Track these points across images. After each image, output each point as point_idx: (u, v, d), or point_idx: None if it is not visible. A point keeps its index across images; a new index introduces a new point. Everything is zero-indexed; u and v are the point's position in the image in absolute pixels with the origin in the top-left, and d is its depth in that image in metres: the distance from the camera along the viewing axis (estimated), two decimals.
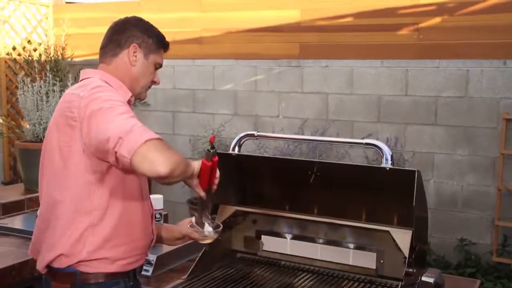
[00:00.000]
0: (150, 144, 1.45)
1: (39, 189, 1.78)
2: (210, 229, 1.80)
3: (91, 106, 1.56)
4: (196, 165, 1.64)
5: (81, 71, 1.82)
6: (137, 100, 1.87)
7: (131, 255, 1.70)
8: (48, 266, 1.68)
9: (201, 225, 1.81)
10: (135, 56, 1.77)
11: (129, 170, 1.53)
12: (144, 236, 1.75)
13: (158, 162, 1.44)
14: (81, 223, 1.62)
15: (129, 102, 1.76)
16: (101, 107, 1.54)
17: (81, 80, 1.77)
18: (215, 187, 1.72)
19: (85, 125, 1.56)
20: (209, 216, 1.84)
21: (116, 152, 1.47)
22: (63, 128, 1.63)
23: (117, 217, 1.65)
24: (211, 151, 1.67)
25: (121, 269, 1.68)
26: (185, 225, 1.89)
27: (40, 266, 1.71)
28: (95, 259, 1.63)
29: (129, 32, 1.77)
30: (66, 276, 1.65)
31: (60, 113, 1.67)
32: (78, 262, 1.63)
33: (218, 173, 1.72)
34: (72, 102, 1.62)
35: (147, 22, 1.83)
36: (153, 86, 1.88)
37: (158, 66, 1.83)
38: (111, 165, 1.59)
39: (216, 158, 1.69)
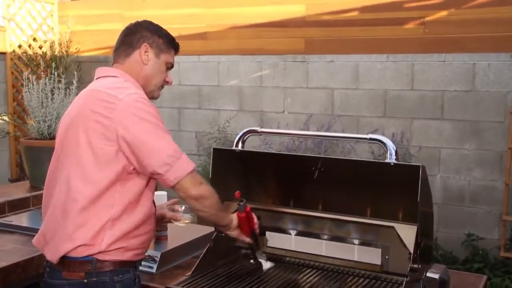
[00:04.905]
0: (193, 174, 1.73)
1: (50, 180, 1.80)
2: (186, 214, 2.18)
3: (134, 112, 1.67)
4: (233, 218, 1.96)
5: (98, 69, 1.89)
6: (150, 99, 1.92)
7: (141, 247, 1.80)
8: (62, 256, 1.70)
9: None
10: (147, 55, 1.87)
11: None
12: (151, 230, 1.84)
13: (200, 190, 1.76)
14: (102, 216, 1.68)
15: None
16: (147, 120, 1.67)
17: (102, 77, 1.83)
18: (257, 231, 2.06)
19: (123, 129, 1.65)
20: (263, 254, 2.18)
21: (161, 174, 1.68)
22: (94, 124, 1.68)
23: (135, 213, 1.73)
24: (241, 204, 1.96)
25: (131, 258, 1.76)
26: (164, 207, 2.19)
27: (55, 256, 1.71)
28: (113, 249, 1.70)
29: (139, 33, 1.88)
30: (81, 265, 1.69)
31: (90, 108, 1.70)
32: (98, 252, 1.68)
33: (255, 219, 2.04)
34: (110, 102, 1.68)
35: (157, 24, 1.94)
36: None
37: (169, 66, 1.94)
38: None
39: (248, 208, 1.98)
